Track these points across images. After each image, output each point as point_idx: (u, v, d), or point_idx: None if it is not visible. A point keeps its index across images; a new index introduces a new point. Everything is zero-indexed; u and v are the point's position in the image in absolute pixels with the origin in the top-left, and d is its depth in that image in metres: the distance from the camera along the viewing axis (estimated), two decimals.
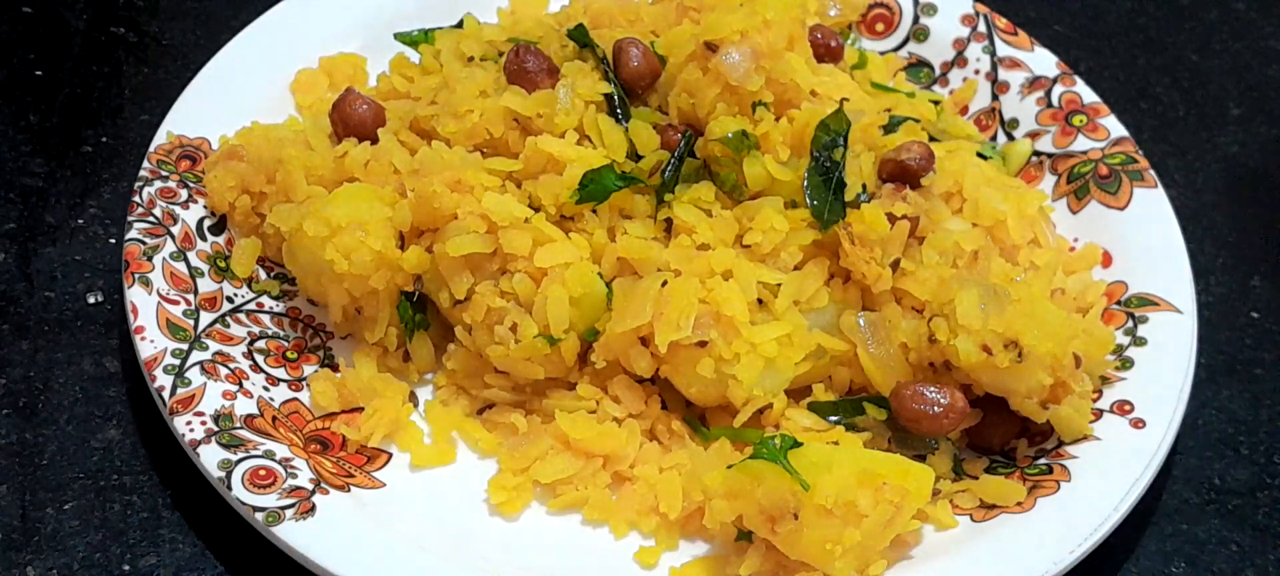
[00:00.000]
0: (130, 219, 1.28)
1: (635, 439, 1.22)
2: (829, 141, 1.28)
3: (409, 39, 1.41)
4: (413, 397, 1.27)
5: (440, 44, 1.38)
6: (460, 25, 1.41)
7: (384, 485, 1.21)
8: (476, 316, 1.22)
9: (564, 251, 1.22)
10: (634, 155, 1.28)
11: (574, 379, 1.25)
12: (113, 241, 1.36)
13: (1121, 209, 1.39)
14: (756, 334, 1.21)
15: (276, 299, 1.29)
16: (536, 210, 1.24)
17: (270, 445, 1.18)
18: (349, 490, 1.19)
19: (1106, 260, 1.36)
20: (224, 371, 1.22)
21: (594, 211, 1.25)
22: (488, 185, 1.24)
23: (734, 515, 1.15)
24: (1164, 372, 1.28)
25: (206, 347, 1.22)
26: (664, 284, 1.21)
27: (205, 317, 1.24)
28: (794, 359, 1.22)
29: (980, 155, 1.41)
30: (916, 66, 1.51)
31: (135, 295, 1.23)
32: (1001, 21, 1.52)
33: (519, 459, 1.21)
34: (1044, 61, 1.50)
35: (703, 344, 1.20)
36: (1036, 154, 1.45)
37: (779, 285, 1.24)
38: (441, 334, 1.27)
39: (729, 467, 1.15)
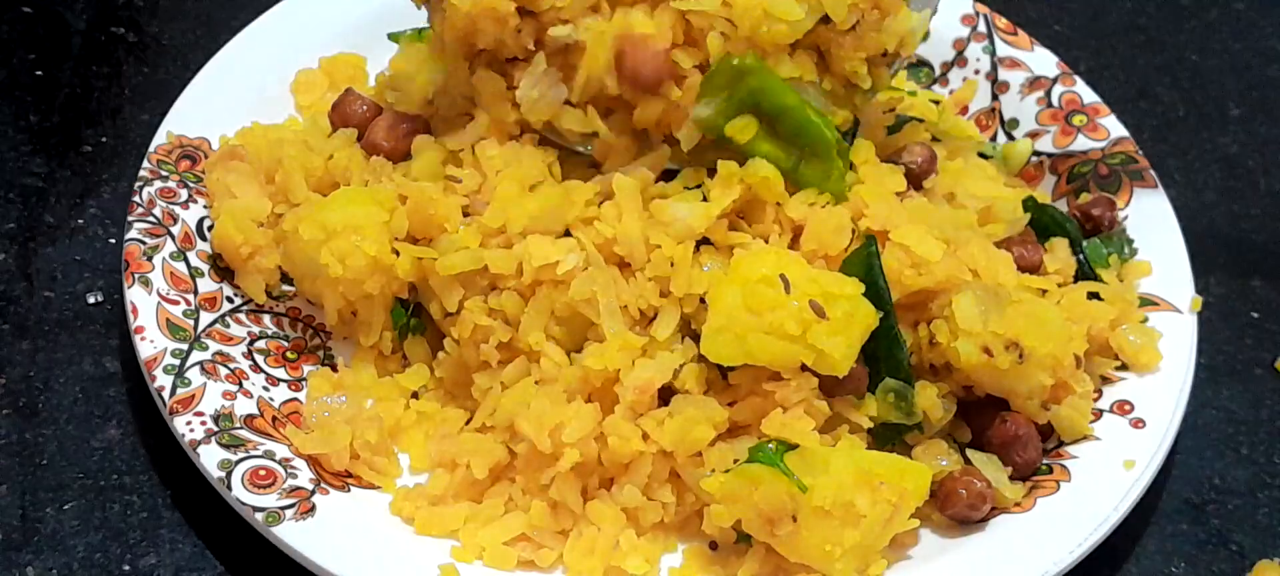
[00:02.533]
0: (130, 219, 1.28)
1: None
2: None
3: (402, 39, 1.41)
4: (417, 396, 1.27)
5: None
6: None
7: None
8: (464, 333, 1.22)
9: (557, 259, 1.21)
10: None
11: None
12: (113, 241, 1.36)
13: (1122, 209, 1.39)
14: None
15: (277, 299, 1.29)
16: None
17: (270, 445, 1.18)
18: (349, 490, 1.19)
19: None
20: (224, 371, 1.22)
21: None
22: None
23: (733, 519, 1.15)
24: (1164, 372, 1.28)
25: (206, 347, 1.22)
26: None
27: (205, 318, 1.24)
28: None
29: (981, 155, 1.41)
30: (916, 66, 1.51)
31: (135, 295, 1.23)
32: (1001, 21, 1.52)
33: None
34: (1044, 61, 1.50)
35: None
36: (1036, 154, 1.45)
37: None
38: (438, 337, 1.27)
39: (726, 471, 1.15)
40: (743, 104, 1.22)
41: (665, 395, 1.19)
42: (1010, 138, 1.46)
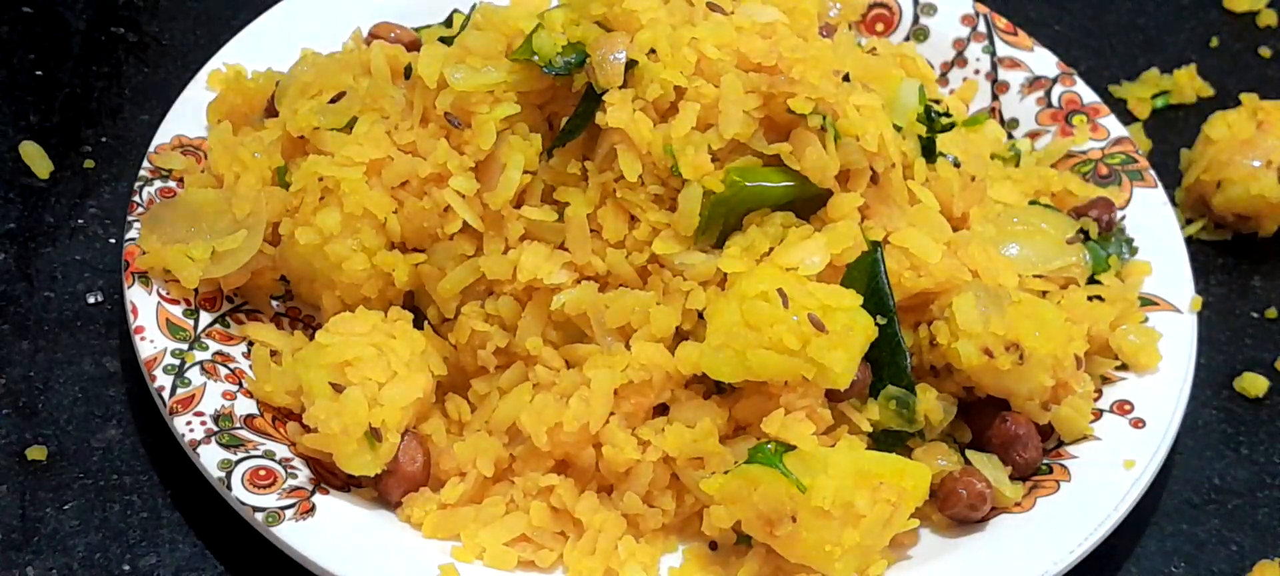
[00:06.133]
0: (130, 219, 1.28)
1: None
2: None
3: None
4: None
5: (427, 41, 1.38)
6: (449, 22, 1.40)
7: None
8: (461, 338, 1.22)
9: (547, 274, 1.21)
10: None
11: None
12: (113, 241, 1.36)
13: (1121, 209, 1.39)
14: None
15: (278, 299, 1.29)
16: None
17: (270, 445, 1.18)
18: (349, 490, 1.19)
19: None
20: (224, 371, 1.22)
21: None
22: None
23: (732, 520, 1.15)
24: (1164, 372, 1.28)
25: (206, 347, 1.22)
26: None
27: (205, 317, 1.24)
28: None
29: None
30: None
31: (135, 295, 1.23)
32: (1001, 21, 1.52)
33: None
34: (1044, 61, 1.50)
35: None
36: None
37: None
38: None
39: (726, 473, 1.15)
40: (741, 211, 1.21)
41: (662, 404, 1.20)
42: (1010, 138, 1.46)
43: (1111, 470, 1.22)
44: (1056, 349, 1.21)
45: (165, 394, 1.19)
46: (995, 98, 1.48)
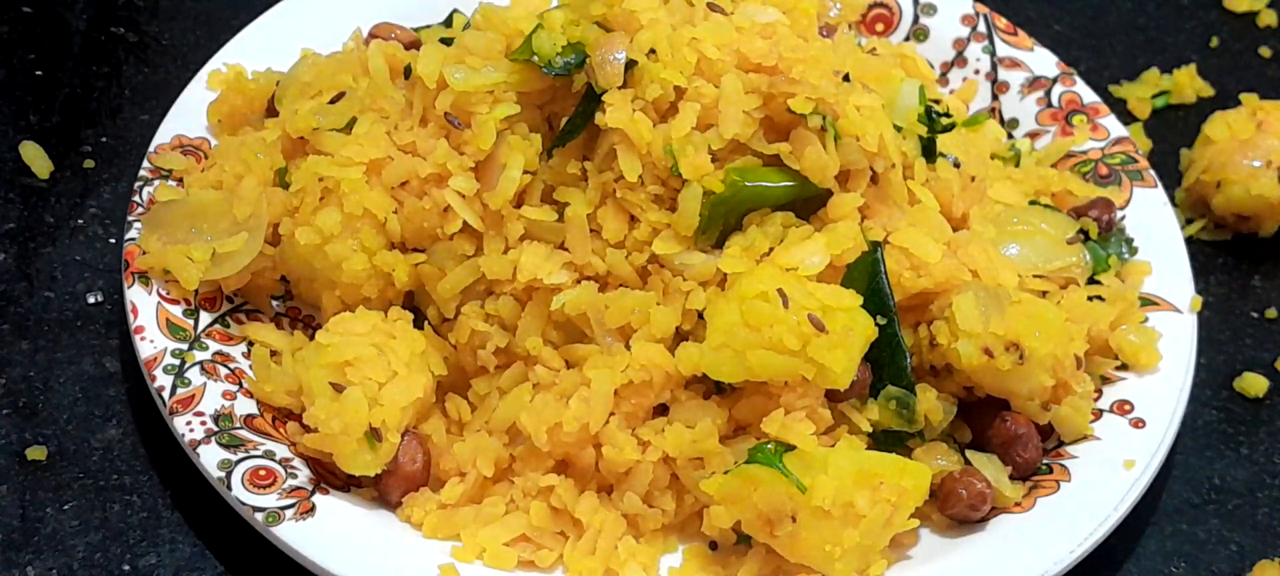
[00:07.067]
0: (130, 219, 1.28)
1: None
2: None
3: None
4: None
5: (427, 41, 1.38)
6: (449, 22, 1.41)
7: None
8: (461, 338, 1.22)
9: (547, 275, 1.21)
10: None
11: None
12: (113, 241, 1.36)
13: (1121, 208, 1.39)
14: None
15: (278, 299, 1.29)
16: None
17: (270, 445, 1.18)
18: (349, 490, 1.19)
19: None
20: (224, 371, 1.22)
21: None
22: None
23: (732, 520, 1.15)
24: (1164, 372, 1.28)
25: (206, 347, 1.22)
26: None
27: (205, 317, 1.25)
28: None
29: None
30: None
31: (135, 295, 1.23)
32: (1001, 21, 1.52)
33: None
34: (1044, 61, 1.50)
35: None
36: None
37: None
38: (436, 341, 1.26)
39: (726, 473, 1.15)
40: (741, 211, 1.21)
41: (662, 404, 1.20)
42: (1010, 138, 1.46)
43: (1111, 470, 1.22)
44: (1056, 349, 1.21)
45: (165, 394, 1.19)
46: (995, 98, 1.48)
